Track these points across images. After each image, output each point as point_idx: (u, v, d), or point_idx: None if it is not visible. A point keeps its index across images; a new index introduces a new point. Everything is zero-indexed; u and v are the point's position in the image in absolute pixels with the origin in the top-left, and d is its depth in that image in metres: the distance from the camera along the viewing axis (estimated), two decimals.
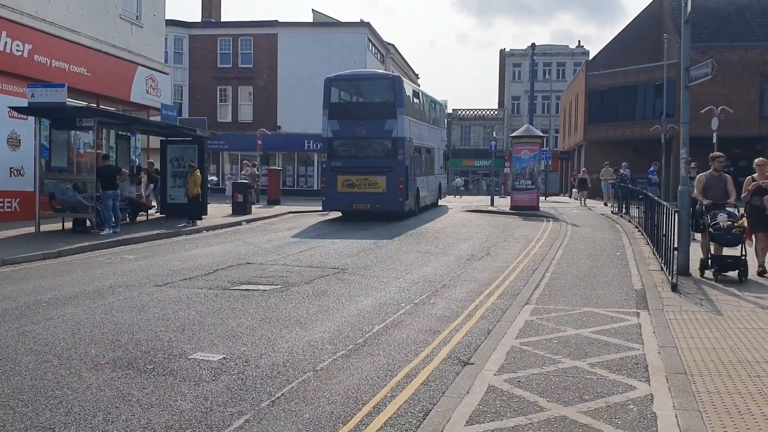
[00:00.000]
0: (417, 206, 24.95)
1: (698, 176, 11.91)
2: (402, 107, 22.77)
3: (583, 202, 32.55)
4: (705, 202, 11.18)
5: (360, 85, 24.79)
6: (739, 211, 11.17)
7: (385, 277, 11.42)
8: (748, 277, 10.72)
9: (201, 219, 20.69)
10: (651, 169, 28.34)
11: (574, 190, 38.81)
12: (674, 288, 9.93)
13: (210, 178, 33.93)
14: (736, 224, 10.72)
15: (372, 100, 24.05)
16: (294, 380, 5.93)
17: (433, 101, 30.87)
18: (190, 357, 6.55)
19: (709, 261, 11.03)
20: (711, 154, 11.71)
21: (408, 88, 24.98)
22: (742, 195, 11.42)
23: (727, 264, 10.83)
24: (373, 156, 22.92)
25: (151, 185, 22.77)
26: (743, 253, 10.63)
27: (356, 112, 23.71)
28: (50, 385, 5.71)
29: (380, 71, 31.21)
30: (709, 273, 11.02)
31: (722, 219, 10.74)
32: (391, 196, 22.13)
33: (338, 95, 23.78)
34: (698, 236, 11.93)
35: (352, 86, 24.59)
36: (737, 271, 10.68)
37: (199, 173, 20.21)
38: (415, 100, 26.26)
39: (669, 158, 36.58)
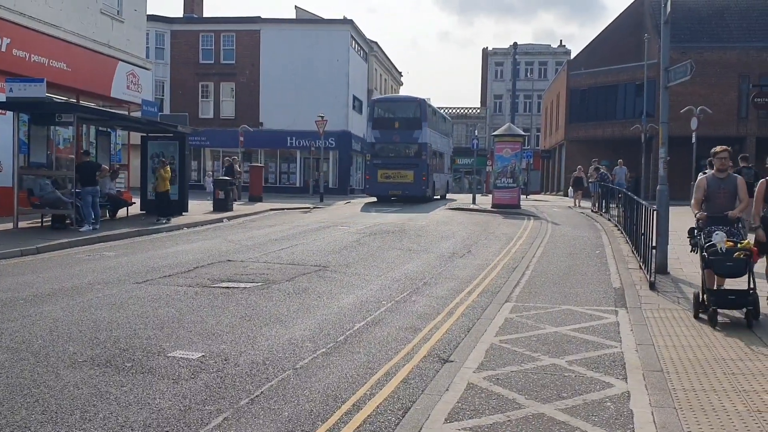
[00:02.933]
0: (433, 194, 33.27)
1: (698, 180, 8.85)
2: (426, 121, 31.65)
3: (576, 202, 29.81)
4: (698, 214, 8.42)
5: (396, 105, 34.25)
6: (744, 227, 8.59)
7: (366, 275, 11.43)
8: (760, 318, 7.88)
9: (173, 216, 20.08)
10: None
11: (570, 189, 34.72)
12: (652, 286, 10.03)
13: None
14: (739, 245, 7.80)
15: (404, 116, 32.10)
16: (274, 378, 5.93)
17: (444, 117, 39.78)
18: (169, 355, 6.52)
19: (703, 296, 8.13)
20: (713, 149, 8.67)
21: (429, 107, 33.20)
22: (754, 209, 8.75)
23: (727, 301, 7.90)
24: (404, 156, 31.27)
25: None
26: (751, 286, 7.78)
27: (393, 124, 31.76)
28: (26, 383, 5.66)
29: (411, 95, 39.54)
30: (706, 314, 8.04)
31: (719, 239, 7.80)
32: (416, 185, 30.84)
33: (379, 112, 32.61)
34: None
35: (390, 106, 34.21)
36: (744, 310, 7.81)
37: (169, 169, 19.95)
38: (433, 117, 34.50)
39: (649, 158, 36.94)
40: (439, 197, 35.14)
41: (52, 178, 17.30)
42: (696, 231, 8.46)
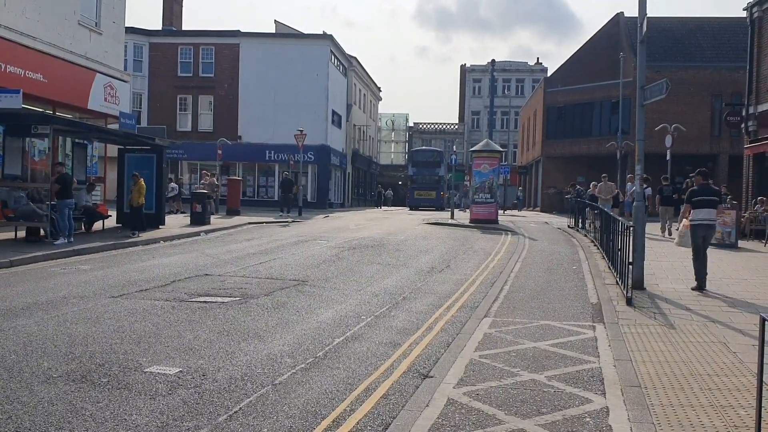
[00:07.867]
0: (446, 206, 44.64)
1: None
2: (443, 162, 49.50)
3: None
4: None
5: (426, 153, 53.92)
6: None
7: (346, 290, 11.40)
8: None
9: (148, 230, 19.88)
10: None
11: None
12: (629, 302, 10.12)
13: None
14: None
15: (430, 159, 51.01)
16: (252, 394, 5.88)
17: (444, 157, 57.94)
18: (145, 370, 6.44)
19: None
20: None
21: (443, 154, 52.40)
22: None
23: None
24: (430, 182, 49.06)
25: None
26: None
27: (424, 163, 50.48)
28: None
29: (435, 148, 59.49)
30: None
31: None
32: (437, 200, 47.59)
33: (415, 156, 53.59)
34: None
35: (421, 153, 54.42)
36: None
37: (143, 182, 19.75)
38: (445, 159, 50.77)
39: (624, 174, 37.34)
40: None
41: (27, 191, 17.07)
42: None
